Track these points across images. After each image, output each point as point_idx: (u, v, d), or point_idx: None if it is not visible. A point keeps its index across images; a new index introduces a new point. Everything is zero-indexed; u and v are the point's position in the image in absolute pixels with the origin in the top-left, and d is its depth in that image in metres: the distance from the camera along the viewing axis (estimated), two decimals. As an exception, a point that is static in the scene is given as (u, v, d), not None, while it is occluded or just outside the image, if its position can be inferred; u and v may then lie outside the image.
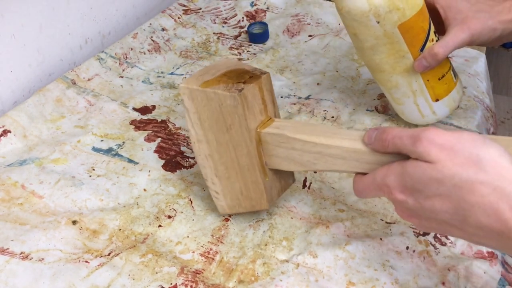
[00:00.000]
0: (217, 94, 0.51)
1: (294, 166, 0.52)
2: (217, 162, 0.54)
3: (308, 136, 0.49)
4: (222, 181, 0.55)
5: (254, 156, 0.52)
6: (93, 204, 0.61)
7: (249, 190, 0.54)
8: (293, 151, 0.51)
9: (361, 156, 0.46)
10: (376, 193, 0.45)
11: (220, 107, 0.51)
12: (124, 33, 0.97)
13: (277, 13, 0.98)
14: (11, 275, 0.53)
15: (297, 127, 0.51)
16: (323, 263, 0.54)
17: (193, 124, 0.54)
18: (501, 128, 1.78)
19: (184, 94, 0.53)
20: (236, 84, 0.51)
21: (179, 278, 0.52)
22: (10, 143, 0.69)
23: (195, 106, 0.53)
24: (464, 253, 0.54)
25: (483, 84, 0.79)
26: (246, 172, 0.53)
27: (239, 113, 0.50)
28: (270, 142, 0.52)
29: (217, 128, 0.52)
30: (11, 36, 0.76)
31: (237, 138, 0.52)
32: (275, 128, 0.52)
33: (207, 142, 0.54)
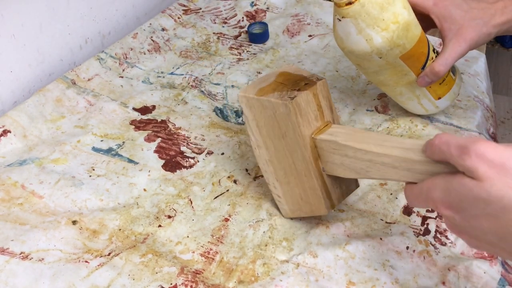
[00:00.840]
0: (271, 102, 0.51)
1: (349, 173, 0.51)
2: (277, 167, 0.55)
3: (358, 144, 0.49)
4: (283, 185, 0.56)
5: (310, 162, 0.52)
6: (93, 204, 0.61)
7: (307, 196, 0.54)
8: (346, 158, 0.50)
9: (412, 166, 0.44)
10: (425, 205, 0.43)
11: (275, 114, 0.52)
12: (124, 33, 0.97)
13: (277, 13, 0.98)
14: (11, 275, 0.53)
15: (349, 133, 0.51)
16: (323, 263, 0.54)
17: (253, 130, 0.55)
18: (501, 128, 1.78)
19: (242, 102, 0.54)
20: (290, 91, 0.51)
21: (179, 278, 0.52)
22: (10, 143, 0.69)
23: (252, 113, 0.54)
24: (464, 253, 0.54)
25: (483, 84, 0.79)
26: (303, 177, 0.53)
27: (292, 121, 0.51)
28: (325, 149, 0.52)
29: (274, 134, 0.53)
30: (11, 36, 0.76)
31: (292, 145, 0.52)
32: (329, 134, 0.52)
33: (266, 148, 0.55)
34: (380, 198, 0.61)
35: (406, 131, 0.69)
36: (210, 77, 0.83)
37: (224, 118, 0.75)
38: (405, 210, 0.59)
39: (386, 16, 0.57)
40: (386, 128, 0.70)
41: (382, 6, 0.56)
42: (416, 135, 0.68)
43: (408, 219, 0.58)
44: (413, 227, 0.57)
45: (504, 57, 2.10)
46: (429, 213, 0.58)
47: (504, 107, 1.88)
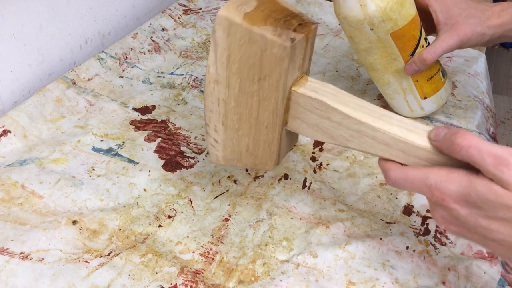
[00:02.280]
0: (264, 38, 0.43)
1: (321, 136, 0.47)
2: (230, 110, 0.47)
3: (353, 111, 0.44)
4: (228, 131, 0.49)
5: (279, 116, 0.46)
6: (93, 204, 0.61)
7: (257, 148, 0.49)
8: (327, 122, 0.45)
9: (410, 149, 0.42)
10: (418, 190, 0.43)
11: (262, 53, 0.44)
12: (124, 33, 0.97)
13: (277, 13, 0.98)
14: (11, 275, 0.53)
15: (338, 96, 0.46)
16: (323, 263, 0.54)
17: (217, 61, 0.45)
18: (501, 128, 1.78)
19: (220, 25, 0.44)
20: (286, 30, 0.43)
21: (179, 278, 0.52)
22: (10, 143, 0.69)
23: (228, 42, 0.44)
24: (464, 253, 0.54)
25: (483, 84, 0.79)
26: (263, 129, 0.47)
27: (283, 67, 0.44)
28: (302, 105, 0.46)
29: (247, 74, 0.45)
30: (11, 36, 0.76)
31: (268, 92, 0.45)
32: (312, 90, 0.46)
33: (226, 86, 0.46)
34: (380, 198, 0.61)
35: (406, 131, 0.69)
36: (210, 77, 0.82)
37: (224, 118, 0.75)
38: (405, 210, 0.59)
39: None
40: (386, 128, 0.70)
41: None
42: (416, 135, 0.68)
43: (408, 219, 0.58)
44: (413, 227, 0.57)
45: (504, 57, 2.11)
46: (429, 213, 0.58)
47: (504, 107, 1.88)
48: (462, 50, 0.86)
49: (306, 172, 0.64)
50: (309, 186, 0.63)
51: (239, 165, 0.51)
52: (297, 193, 0.62)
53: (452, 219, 0.42)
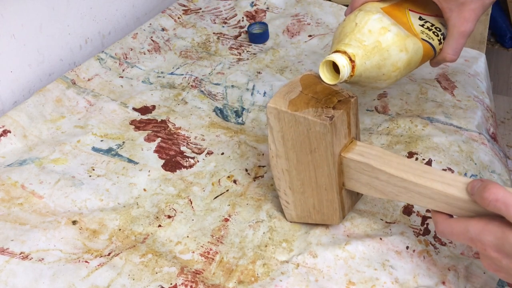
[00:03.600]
0: (307, 120, 0.50)
1: (374, 193, 0.52)
2: (294, 177, 0.54)
3: (395, 171, 0.49)
4: (295, 194, 0.56)
5: (334, 179, 0.52)
6: (93, 204, 0.61)
7: (322, 206, 0.55)
8: (376, 180, 0.51)
9: (453, 201, 0.46)
10: (464, 242, 0.46)
11: (308, 131, 0.51)
12: (124, 33, 0.97)
13: (277, 13, 0.98)
14: (11, 275, 0.53)
15: (383, 157, 0.51)
16: (323, 263, 0.54)
17: (275, 141, 0.53)
18: (501, 128, 1.78)
19: (271, 114, 0.52)
20: (326, 109, 0.50)
21: (179, 278, 0.52)
22: (10, 143, 0.69)
23: (280, 125, 0.52)
24: (464, 253, 0.54)
25: (483, 84, 0.79)
26: (323, 191, 0.54)
27: (327, 140, 0.50)
28: (353, 168, 0.52)
29: (300, 148, 0.52)
30: (11, 36, 0.76)
31: (320, 161, 0.52)
32: (359, 155, 0.52)
33: (286, 158, 0.54)
34: (380, 198, 0.61)
35: (406, 131, 0.69)
36: (210, 77, 0.83)
37: (224, 118, 0.75)
38: (405, 210, 0.59)
39: (385, 70, 0.56)
40: (386, 128, 0.70)
41: (379, 66, 0.55)
42: (416, 135, 0.68)
43: (408, 219, 0.58)
44: (413, 227, 0.57)
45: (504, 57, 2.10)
46: (429, 213, 0.58)
47: (504, 107, 1.88)
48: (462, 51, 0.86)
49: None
50: (309, 186, 0.63)
51: (310, 221, 0.57)
52: (297, 193, 0.62)
53: (497, 267, 0.44)
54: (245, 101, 0.78)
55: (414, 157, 0.65)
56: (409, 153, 0.65)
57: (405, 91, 0.76)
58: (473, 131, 0.69)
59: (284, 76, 0.82)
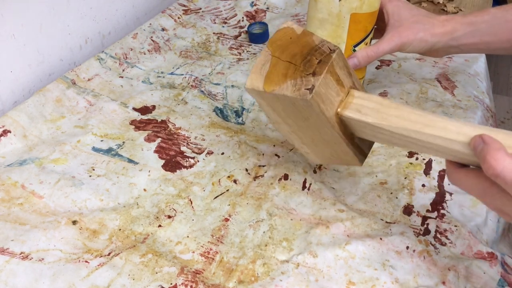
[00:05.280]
0: (287, 97, 0.47)
1: (383, 142, 0.49)
2: (302, 136, 0.53)
3: (394, 128, 0.46)
4: (311, 146, 0.54)
5: (340, 136, 0.50)
6: (93, 204, 0.61)
7: (339, 155, 0.53)
8: (380, 134, 0.48)
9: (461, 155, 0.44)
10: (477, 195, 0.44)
11: (294, 104, 0.48)
12: (124, 33, 0.97)
13: (277, 13, 0.98)
14: (11, 275, 0.53)
15: (381, 111, 0.48)
16: (323, 262, 0.54)
17: (269, 113, 0.51)
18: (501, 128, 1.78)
19: (251, 94, 0.50)
20: (305, 78, 0.46)
21: (179, 278, 0.52)
22: (10, 143, 0.69)
23: (265, 102, 0.50)
24: (464, 253, 0.54)
25: (483, 84, 0.79)
26: (333, 145, 0.52)
27: (315, 110, 0.47)
28: (354, 124, 0.49)
29: (295, 117, 0.50)
30: (11, 36, 0.76)
31: (317, 125, 0.49)
32: (356, 111, 0.48)
33: (286, 124, 0.51)
34: (380, 198, 0.61)
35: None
36: (210, 77, 0.83)
37: (224, 118, 0.75)
38: (405, 210, 0.59)
39: None
40: (386, 128, 0.70)
41: None
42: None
43: (408, 219, 0.58)
44: (413, 227, 0.57)
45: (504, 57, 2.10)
46: (429, 213, 0.58)
47: (504, 107, 1.88)
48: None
49: (306, 173, 0.64)
50: (308, 187, 0.63)
51: (335, 163, 0.56)
52: (296, 194, 0.62)
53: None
54: (245, 101, 0.78)
55: (414, 156, 0.65)
56: (409, 152, 0.65)
57: (406, 91, 0.76)
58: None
59: (284, 76, 0.82)
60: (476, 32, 0.62)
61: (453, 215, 0.58)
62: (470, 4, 1.03)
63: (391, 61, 0.84)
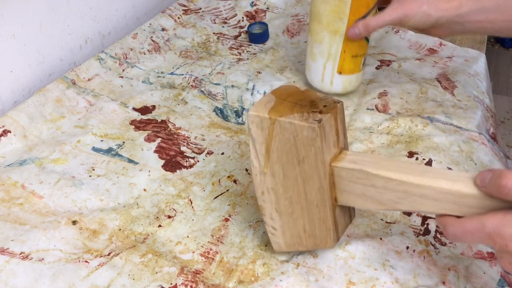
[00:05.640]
0: (293, 125, 0.46)
1: (370, 205, 0.48)
2: (281, 196, 0.50)
3: (393, 173, 0.45)
4: (283, 217, 0.51)
5: (326, 192, 0.48)
6: (93, 204, 0.61)
7: (314, 228, 0.51)
8: (372, 189, 0.47)
9: (461, 199, 0.42)
10: (480, 241, 0.42)
11: (295, 138, 0.47)
12: (124, 33, 0.97)
13: (277, 13, 0.98)
14: (11, 275, 0.53)
15: (378, 162, 0.47)
16: (323, 262, 0.54)
17: (258, 155, 0.49)
18: (501, 128, 1.78)
19: (253, 123, 0.48)
20: (312, 113, 0.47)
21: (179, 278, 0.52)
22: (10, 143, 0.69)
23: (263, 135, 0.48)
24: (464, 253, 0.54)
25: (483, 84, 0.79)
26: (314, 208, 0.49)
27: (317, 146, 0.46)
28: (345, 178, 0.48)
29: (287, 160, 0.48)
30: (11, 36, 0.76)
31: (309, 172, 0.48)
32: (351, 162, 0.48)
33: (271, 174, 0.49)
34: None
35: (406, 130, 0.69)
36: (210, 77, 0.83)
37: (224, 118, 0.75)
38: (405, 210, 0.59)
39: None
40: (386, 127, 0.70)
41: None
42: (416, 135, 0.68)
43: (408, 219, 0.58)
44: (413, 227, 0.57)
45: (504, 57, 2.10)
46: (429, 213, 0.58)
47: (504, 107, 1.88)
48: (462, 50, 0.86)
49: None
50: (309, 186, 0.63)
51: (301, 248, 0.53)
52: (297, 193, 0.62)
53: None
54: (245, 101, 0.78)
55: (415, 156, 0.65)
56: (409, 152, 0.65)
57: (406, 91, 0.76)
58: (473, 131, 0.69)
59: (284, 76, 0.82)
60: (482, 9, 0.60)
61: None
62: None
63: (391, 61, 0.84)
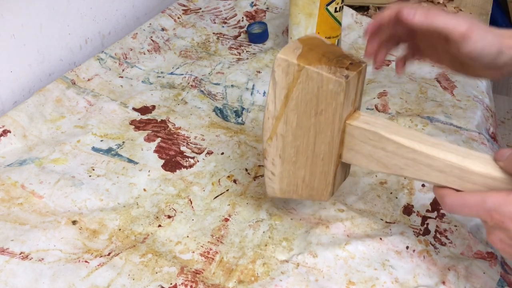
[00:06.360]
0: (320, 75, 0.46)
1: (375, 166, 0.49)
2: (288, 144, 0.50)
3: (406, 141, 0.46)
4: (285, 164, 0.51)
5: (335, 147, 0.49)
6: (93, 204, 0.61)
7: (313, 179, 0.51)
8: (381, 152, 0.47)
9: (467, 175, 0.43)
10: (476, 215, 0.43)
11: (318, 89, 0.46)
12: (124, 33, 0.97)
13: (276, 13, 0.98)
14: (11, 275, 0.53)
15: (390, 127, 0.47)
16: (323, 262, 0.54)
17: (276, 99, 0.48)
18: (501, 128, 1.78)
19: (279, 66, 0.47)
20: (339, 68, 0.46)
21: (179, 278, 0.52)
22: (10, 143, 0.69)
23: (287, 81, 0.47)
24: (464, 253, 0.54)
25: (483, 84, 0.79)
26: (319, 161, 0.50)
27: (338, 101, 0.46)
28: (357, 137, 0.48)
29: (305, 110, 0.48)
30: (11, 36, 0.76)
31: (324, 125, 0.48)
32: (365, 123, 0.48)
33: (284, 121, 0.49)
34: (380, 198, 0.61)
35: (406, 131, 0.69)
36: (210, 77, 0.83)
37: (224, 118, 0.75)
38: (405, 209, 0.59)
39: None
40: (386, 128, 0.70)
41: None
42: (416, 135, 0.68)
43: (408, 219, 0.58)
44: (413, 227, 0.57)
45: (504, 57, 2.10)
46: (429, 213, 0.58)
47: (504, 107, 1.88)
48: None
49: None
50: (309, 186, 0.63)
51: (294, 196, 0.53)
52: (297, 193, 0.62)
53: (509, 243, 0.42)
54: (245, 100, 0.78)
55: (414, 157, 0.65)
56: (409, 153, 0.65)
57: (405, 90, 0.76)
58: (472, 131, 0.69)
59: (284, 76, 0.82)
60: None
61: (453, 215, 0.58)
62: (470, 4, 1.03)
63: (391, 61, 0.84)
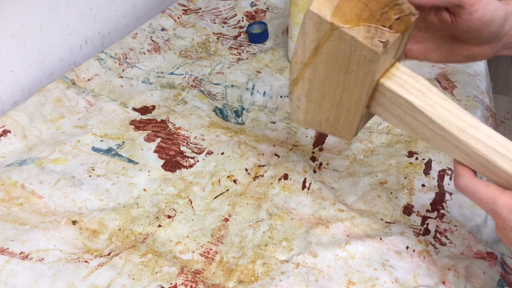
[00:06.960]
0: (355, 41, 0.41)
1: (403, 127, 0.45)
2: (315, 89, 0.46)
3: (438, 118, 0.42)
4: (311, 104, 0.48)
5: (362, 104, 0.45)
6: (93, 204, 0.61)
7: (337, 123, 0.48)
8: (411, 119, 0.44)
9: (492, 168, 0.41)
10: (484, 209, 0.43)
11: (351, 52, 0.42)
12: (124, 33, 0.97)
13: (277, 13, 0.98)
14: (11, 275, 0.53)
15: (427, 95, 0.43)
16: (323, 262, 0.54)
17: (305, 48, 0.44)
18: (501, 128, 1.78)
19: (310, 20, 0.42)
20: (380, 29, 0.41)
21: (179, 278, 0.52)
22: (10, 143, 0.69)
23: (317, 35, 0.42)
24: (463, 253, 0.54)
25: (483, 84, 0.79)
26: (345, 111, 0.47)
27: (371, 68, 0.42)
28: (388, 98, 0.44)
29: (334, 66, 0.44)
30: (11, 36, 0.76)
31: (353, 84, 0.44)
32: (400, 86, 0.43)
33: (313, 69, 0.45)
34: (380, 198, 0.61)
35: (406, 131, 0.69)
36: (210, 77, 0.83)
37: (224, 118, 0.75)
38: (405, 209, 0.59)
39: None
40: (386, 126, 0.70)
41: None
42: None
43: (408, 219, 0.58)
44: (413, 227, 0.57)
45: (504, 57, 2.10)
46: (429, 213, 0.58)
47: (504, 107, 1.88)
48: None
49: (306, 173, 0.64)
50: (308, 186, 0.63)
51: (318, 130, 0.51)
52: (296, 193, 0.62)
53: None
54: (245, 100, 0.78)
55: (414, 156, 0.65)
56: (409, 152, 0.65)
57: (405, 91, 0.76)
58: None
59: (284, 76, 0.82)
60: None
61: (453, 215, 0.58)
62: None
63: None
